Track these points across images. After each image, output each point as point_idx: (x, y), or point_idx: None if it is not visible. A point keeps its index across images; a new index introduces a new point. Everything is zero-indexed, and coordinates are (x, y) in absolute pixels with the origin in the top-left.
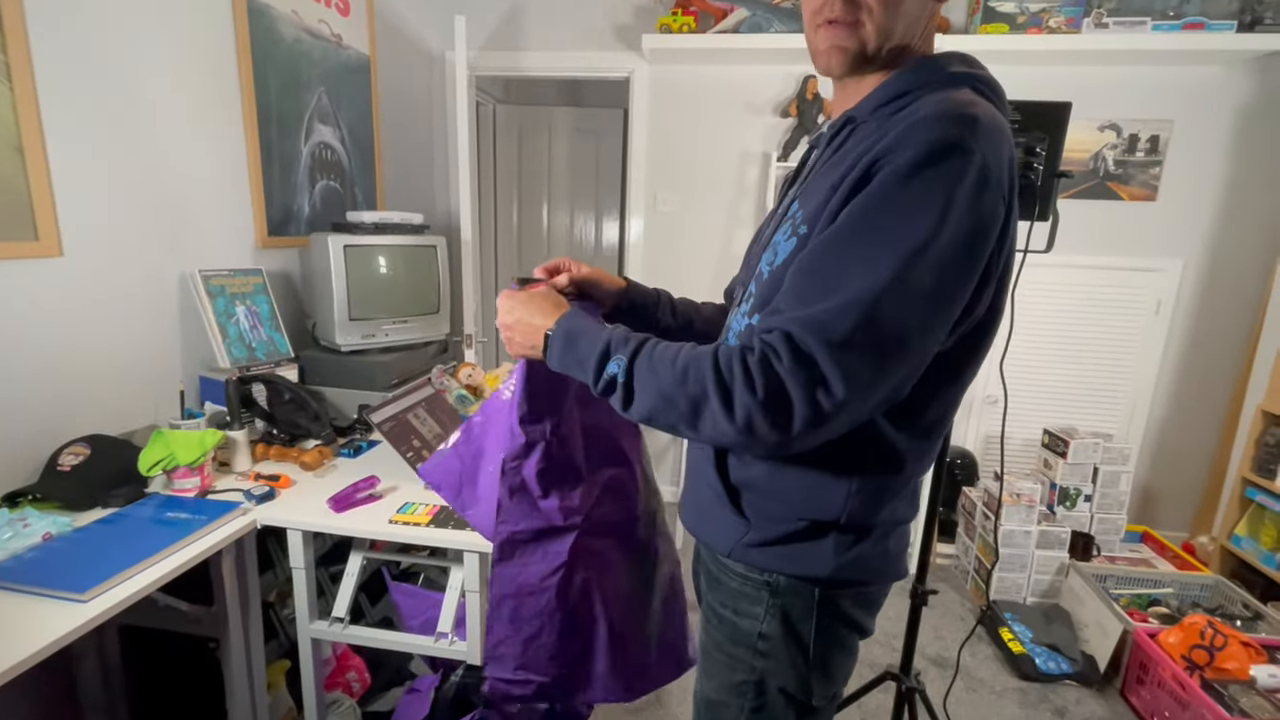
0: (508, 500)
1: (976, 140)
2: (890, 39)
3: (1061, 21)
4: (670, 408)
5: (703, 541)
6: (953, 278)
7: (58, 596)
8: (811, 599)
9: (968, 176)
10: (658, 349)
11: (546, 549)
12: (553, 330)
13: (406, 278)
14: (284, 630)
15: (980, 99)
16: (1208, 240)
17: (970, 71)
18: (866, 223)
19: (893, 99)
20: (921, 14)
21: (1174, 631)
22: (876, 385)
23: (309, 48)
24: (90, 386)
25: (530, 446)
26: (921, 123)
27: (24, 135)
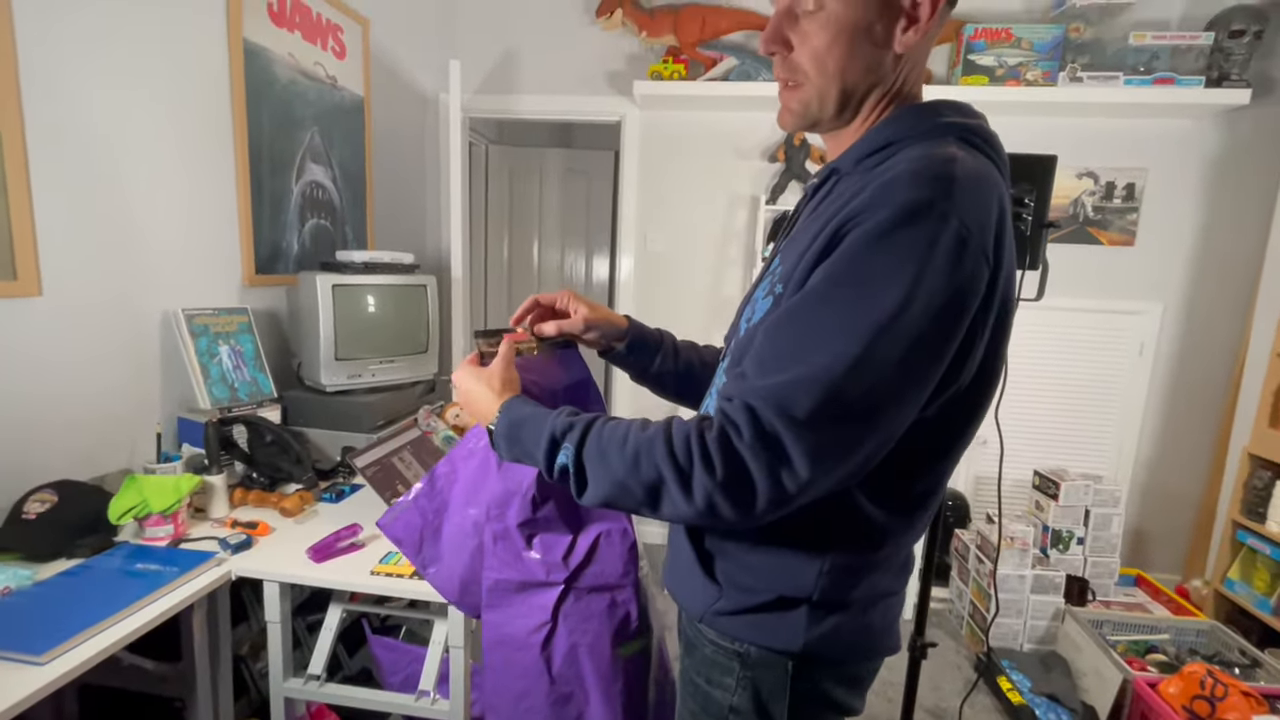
0: (492, 545)
1: (951, 201)
2: (829, 100)
3: (1039, 75)
4: (626, 494)
5: (679, 603)
6: (925, 349)
7: (12, 659)
8: (785, 673)
9: (941, 241)
10: (604, 432)
11: (531, 602)
12: (495, 424)
13: (395, 317)
14: (255, 686)
15: (965, 152)
16: (1185, 284)
17: (961, 121)
18: (834, 291)
19: (876, 150)
20: (874, 64)
21: (1174, 681)
22: (843, 461)
23: (304, 89)
24: (63, 429)
25: (511, 495)
26: (893, 183)
27: (8, 173)
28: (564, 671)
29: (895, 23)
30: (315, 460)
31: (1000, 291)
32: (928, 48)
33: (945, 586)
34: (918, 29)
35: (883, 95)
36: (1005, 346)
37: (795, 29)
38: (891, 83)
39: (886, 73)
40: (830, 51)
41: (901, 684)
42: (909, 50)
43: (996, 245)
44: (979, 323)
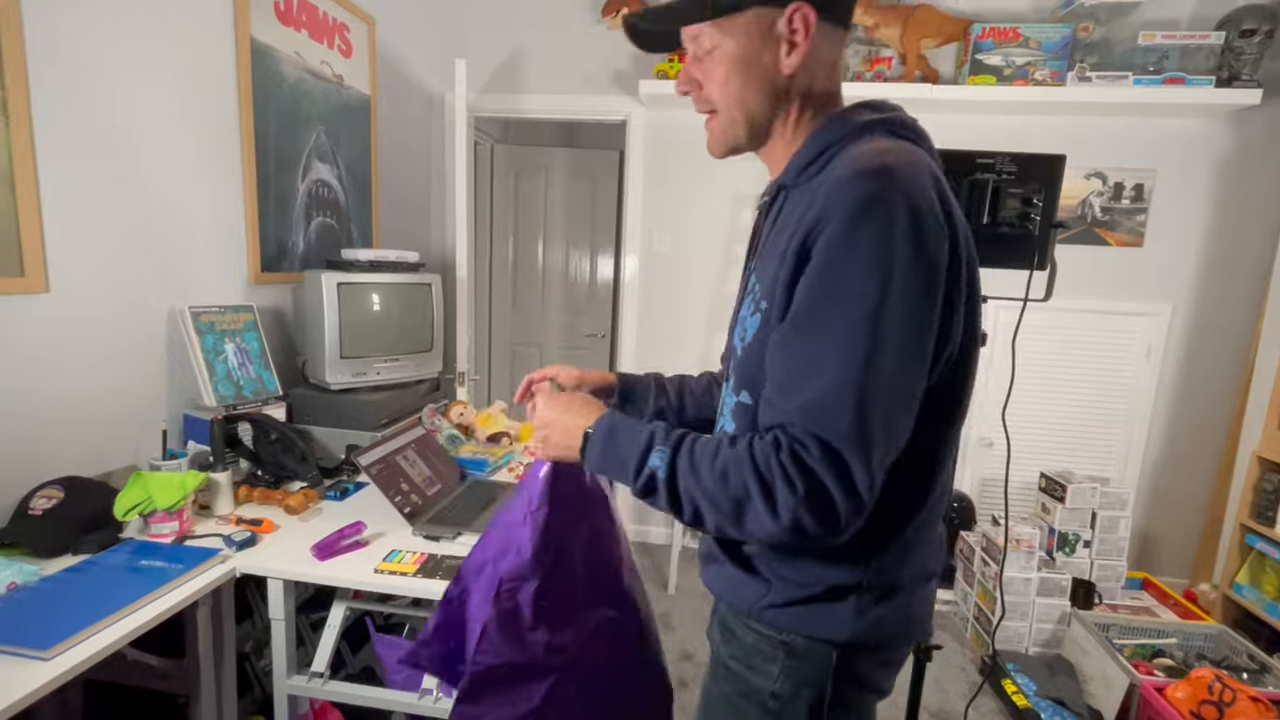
0: (494, 628)
1: (895, 187)
2: (738, 124)
3: (1047, 75)
4: (714, 509)
5: (724, 601)
6: (918, 322)
7: (19, 654)
8: (829, 662)
9: (898, 224)
10: (696, 446)
11: (519, 690)
12: (593, 428)
13: (400, 315)
14: (259, 683)
15: (892, 142)
16: (1194, 285)
17: (880, 117)
18: (823, 300)
19: (813, 159)
20: (769, 87)
21: (1182, 685)
22: (891, 448)
23: (310, 88)
24: (69, 425)
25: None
26: (839, 186)
27: (16, 168)
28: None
29: (778, 49)
30: (320, 458)
31: (963, 253)
32: (829, 58)
33: (950, 589)
34: (798, 51)
35: (791, 110)
36: (979, 305)
37: (700, 69)
38: (795, 99)
39: (784, 92)
40: (728, 83)
41: (905, 686)
42: (797, 70)
43: (945, 214)
44: (953, 285)
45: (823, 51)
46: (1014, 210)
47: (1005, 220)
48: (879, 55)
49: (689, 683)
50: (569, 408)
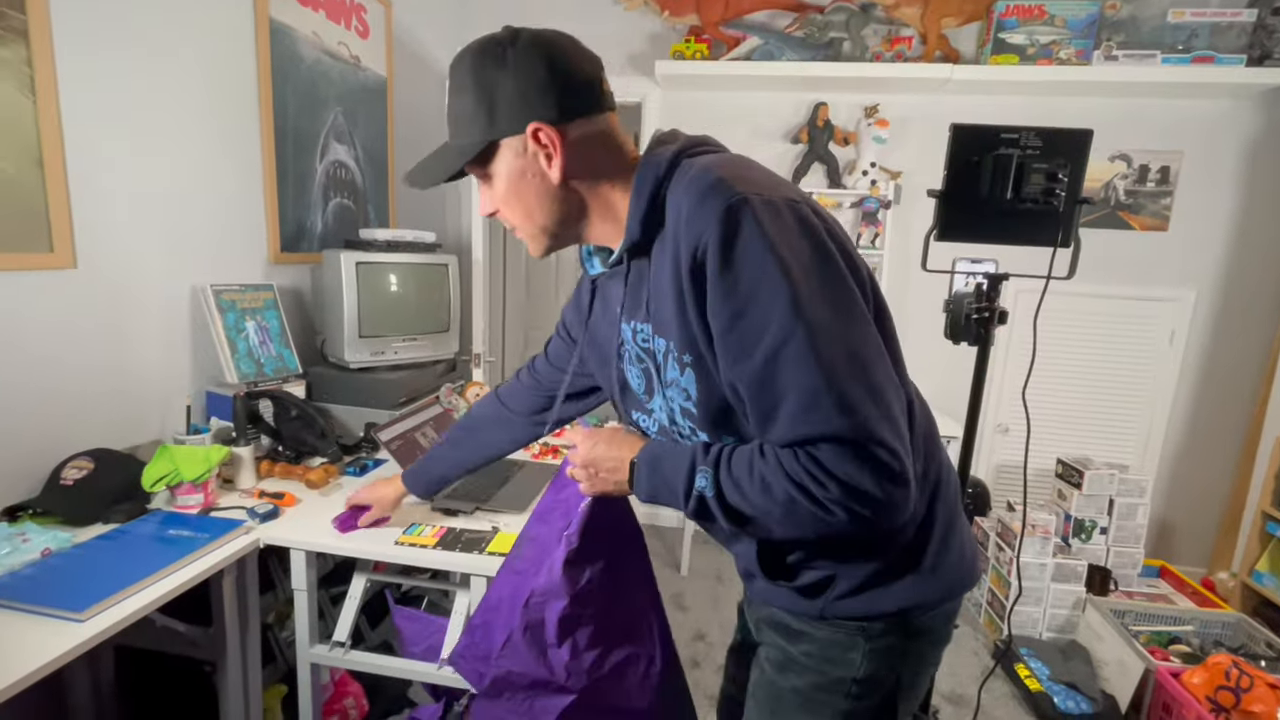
0: (520, 636)
1: (736, 191)
2: (540, 232)
3: (1072, 54)
4: (769, 517)
5: (780, 607)
6: (835, 286)
7: (55, 615)
8: (906, 632)
9: (761, 218)
10: (734, 461)
11: (535, 703)
12: (638, 458)
13: (417, 296)
14: (282, 653)
15: (703, 158)
16: (1220, 271)
17: (679, 147)
18: (742, 318)
19: (649, 207)
20: (549, 194)
21: (1198, 671)
22: (889, 404)
23: (328, 68)
24: (97, 399)
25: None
26: (693, 214)
27: (45, 148)
28: None
29: (537, 164)
30: (339, 435)
31: (822, 213)
32: (597, 143)
33: None
34: (556, 160)
35: (587, 199)
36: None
37: (489, 197)
38: (584, 190)
39: (567, 193)
40: (511, 203)
41: None
42: (566, 172)
43: (788, 188)
44: (837, 237)
45: (586, 143)
46: (1038, 186)
47: (1029, 196)
48: (899, 35)
49: (701, 662)
50: (612, 442)
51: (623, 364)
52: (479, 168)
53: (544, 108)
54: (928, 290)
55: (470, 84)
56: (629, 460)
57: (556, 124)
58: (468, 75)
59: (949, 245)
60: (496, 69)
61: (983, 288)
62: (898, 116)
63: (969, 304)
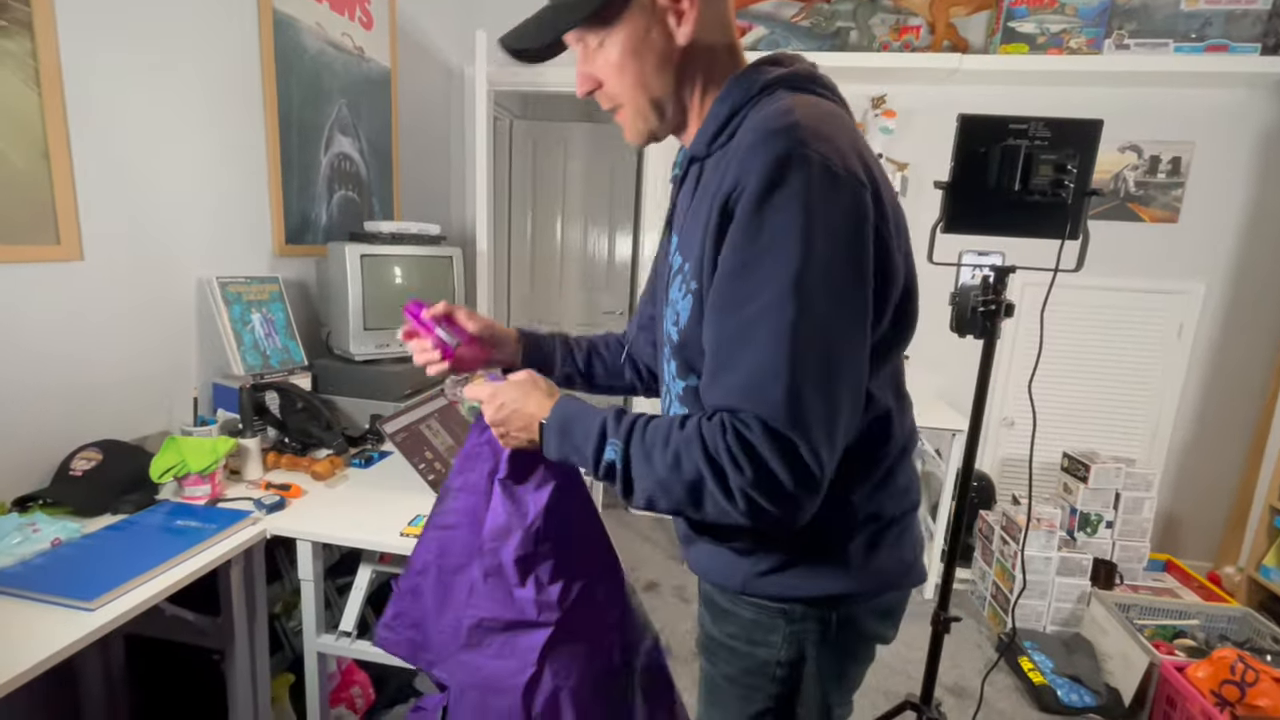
0: (481, 583)
1: (805, 144)
2: (647, 110)
3: (1082, 42)
4: (668, 495)
5: (709, 581)
6: (848, 282)
7: (65, 604)
8: (830, 620)
9: (813, 182)
10: (648, 431)
11: (516, 643)
12: (547, 420)
13: (422, 288)
14: (289, 643)
15: (798, 97)
16: (1231, 264)
17: (783, 73)
18: (745, 271)
19: (721, 127)
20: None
21: (1203, 665)
22: (837, 415)
23: (331, 60)
24: (105, 391)
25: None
26: (751, 150)
27: (50, 140)
28: (543, 715)
29: (665, 23)
30: (344, 427)
31: (887, 203)
32: (720, 15)
33: (968, 568)
34: (688, 19)
35: (696, 83)
36: (911, 256)
37: (593, 65)
38: (698, 69)
39: (684, 65)
40: (624, 71)
41: (922, 660)
42: (693, 37)
43: (864, 165)
44: (883, 237)
45: (712, 11)
46: (1046, 177)
47: (1037, 188)
48: (906, 24)
49: None
50: (520, 399)
51: None
52: (594, 28)
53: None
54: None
55: None
56: (538, 421)
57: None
58: None
59: (955, 237)
60: None
61: (989, 280)
62: (905, 107)
63: (975, 297)
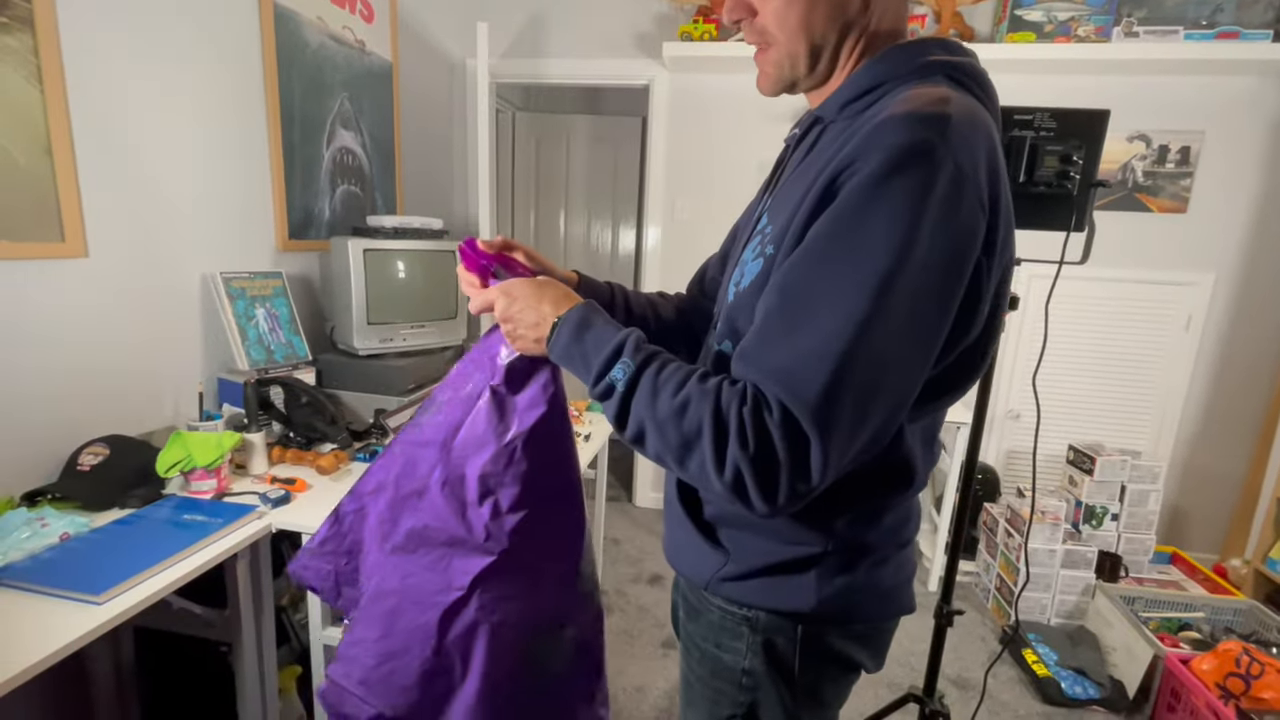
0: (437, 491)
1: (947, 142)
2: (799, 57)
3: (1091, 30)
4: (660, 437)
5: (681, 573)
6: (931, 303)
7: (74, 598)
8: (795, 635)
9: (938, 186)
10: (665, 370)
11: (452, 563)
12: (562, 317)
13: (425, 282)
14: (296, 635)
15: (956, 92)
16: (1241, 254)
17: (948, 59)
18: (831, 250)
19: (861, 95)
20: (838, 11)
21: (1208, 658)
22: (859, 432)
23: (333, 53)
24: (111, 386)
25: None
26: (885, 126)
27: (53, 137)
28: (454, 644)
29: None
30: (349, 421)
31: (1000, 240)
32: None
33: (972, 560)
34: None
35: (857, 41)
36: (1006, 301)
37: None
38: (864, 26)
39: (854, 17)
40: (791, 7)
41: (925, 652)
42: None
43: (992, 191)
44: (982, 271)
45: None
46: (1052, 169)
47: (1042, 179)
48: (912, 12)
49: None
50: (534, 295)
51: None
52: None
53: None
54: None
55: None
56: (552, 318)
57: None
58: None
59: None
60: None
61: None
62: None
63: None
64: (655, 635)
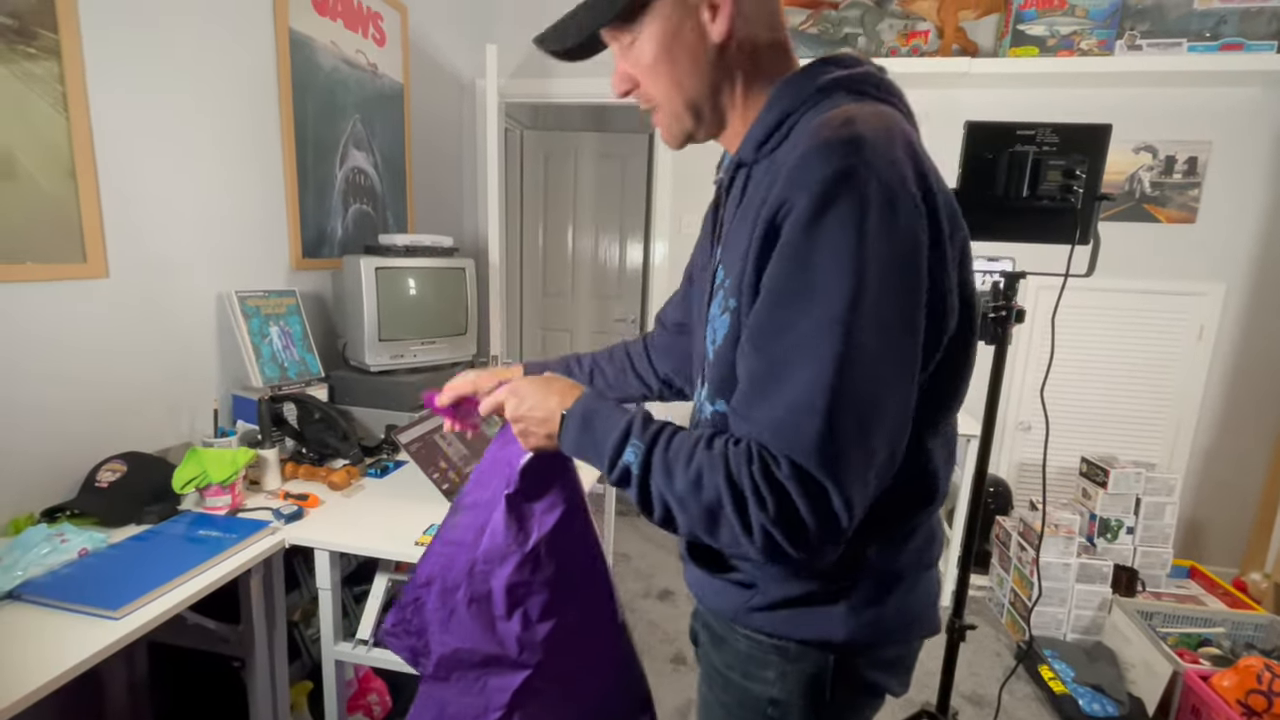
0: (464, 610)
1: (866, 162)
2: (682, 112)
3: (1093, 44)
4: (684, 513)
5: (705, 605)
6: (896, 323)
7: (92, 613)
8: (827, 664)
9: (870, 208)
10: (673, 443)
11: (489, 683)
12: (569, 411)
13: (435, 299)
14: (307, 650)
15: (861, 104)
16: (1251, 264)
17: (843, 74)
18: (786, 300)
19: (771, 133)
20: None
21: (1228, 674)
22: (870, 462)
23: (346, 76)
24: (128, 404)
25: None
26: (804, 163)
27: (77, 163)
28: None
29: (698, 19)
30: (361, 437)
31: (945, 229)
32: (764, 15)
33: (985, 574)
34: (723, 13)
35: (735, 80)
36: (972, 278)
37: (629, 65)
38: (738, 67)
39: (721, 63)
40: (658, 70)
41: (938, 669)
42: (729, 34)
43: (923, 186)
44: (938, 265)
45: (752, 5)
46: (1055, 183)
47: (1046, 194)
48: (915, 29)
49: None
50: (541, 392)
51: None
52: (623, 26)
53: None
54: None
55: None
56: (559, 413)
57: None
58: None
59: None
60: None
61: (999, 286)
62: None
63: (986, 303)
64: (665, 650)
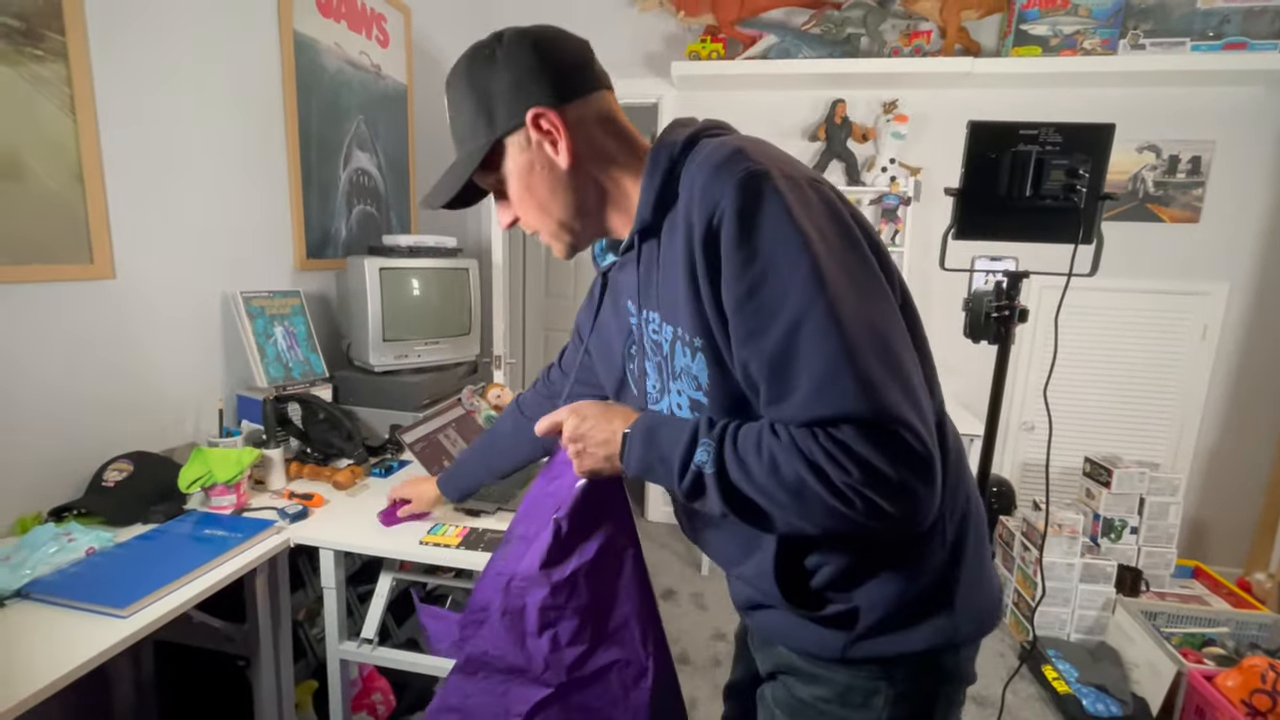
0: (498, 619)
1: (759, 163)
2: (559, 231)
3: (1096, 43)
4: (771, 499)
5: (791, 647)
6: (859, 267)
7: (99, 612)
8: (936, 672)
9: (786, 192)
10: (740, 436)
11: (509, 690)
12: (631, 428)
13: (439, 300)
14: (312, 649)
15: (720, 138)
16: (1255, 263)
17: (697, 128)
18: (758, 291)
19: (663, 187)
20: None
21: (1233, 674)
22: (911, 383)
23: (350, 78)
24: (135, 404)
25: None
26: (709, 185)
27: (84, 165)
28: None
29: (543, 153)
30: (365, 437)
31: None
32: (600, 121)
33: None
34: (562, 140)
35: (607, 183)
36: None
37: (507, 207)
38: (598, 175)
39: (578, 180)
40: (525, 203)
41: None
42: (574, 156)
43: (812, 176)
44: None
45: (589, 124)
46: (1058, 183)
47: (1049, 193)
48: (917, 29)
49: (722, 661)
50: (602, 414)
51: (631, 363)
52: (490, 175)
53: (540, 92)
54: (948, 288)
55: (465, 91)
56: (621, 432)
57: (555, 106)
58: (462, 83)
59: (968, 243)
60: (487, 68)
61: (1002, 286)
62: (917, 112)
63: (989, 302)
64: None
